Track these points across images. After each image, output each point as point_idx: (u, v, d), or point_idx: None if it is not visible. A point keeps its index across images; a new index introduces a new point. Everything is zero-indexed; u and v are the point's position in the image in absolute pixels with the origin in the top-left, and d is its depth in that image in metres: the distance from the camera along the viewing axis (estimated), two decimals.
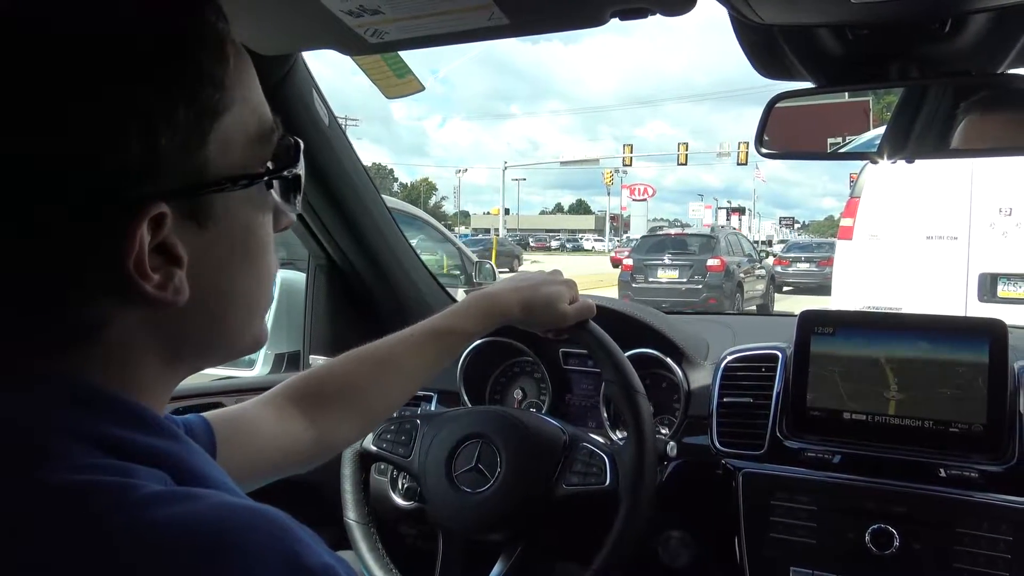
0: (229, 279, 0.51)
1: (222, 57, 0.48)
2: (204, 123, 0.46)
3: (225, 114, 0.47)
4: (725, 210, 59.91)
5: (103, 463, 0.42)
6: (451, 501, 1.18)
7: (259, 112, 0.51)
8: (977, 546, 1.09)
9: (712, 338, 1.53)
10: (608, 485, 1.11)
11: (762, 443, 1.25)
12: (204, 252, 0.48)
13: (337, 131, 1.46)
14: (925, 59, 1.05)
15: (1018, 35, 0.98)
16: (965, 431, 1.15)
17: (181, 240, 0.46)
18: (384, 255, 1.66)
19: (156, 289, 0.45)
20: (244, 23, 1.06)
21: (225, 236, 0.49)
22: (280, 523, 0.41)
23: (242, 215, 0.50)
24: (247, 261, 0.52)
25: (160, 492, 0.41)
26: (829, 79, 1.12)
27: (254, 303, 0.54)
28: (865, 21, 0.94)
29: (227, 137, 0.48)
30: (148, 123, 0.43)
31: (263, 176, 0.51)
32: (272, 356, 1.81)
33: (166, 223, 0.45)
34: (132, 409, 0.46)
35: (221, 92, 0.47)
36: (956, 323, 1.20)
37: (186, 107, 0.45)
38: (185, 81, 0.45)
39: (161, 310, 0.46)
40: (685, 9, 0.93)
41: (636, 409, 1.10)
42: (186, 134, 0.45)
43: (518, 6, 0.96)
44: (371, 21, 1.01)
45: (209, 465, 0.49)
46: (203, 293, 0.48)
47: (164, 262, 0.45)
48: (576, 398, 1.56)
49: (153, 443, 0.45)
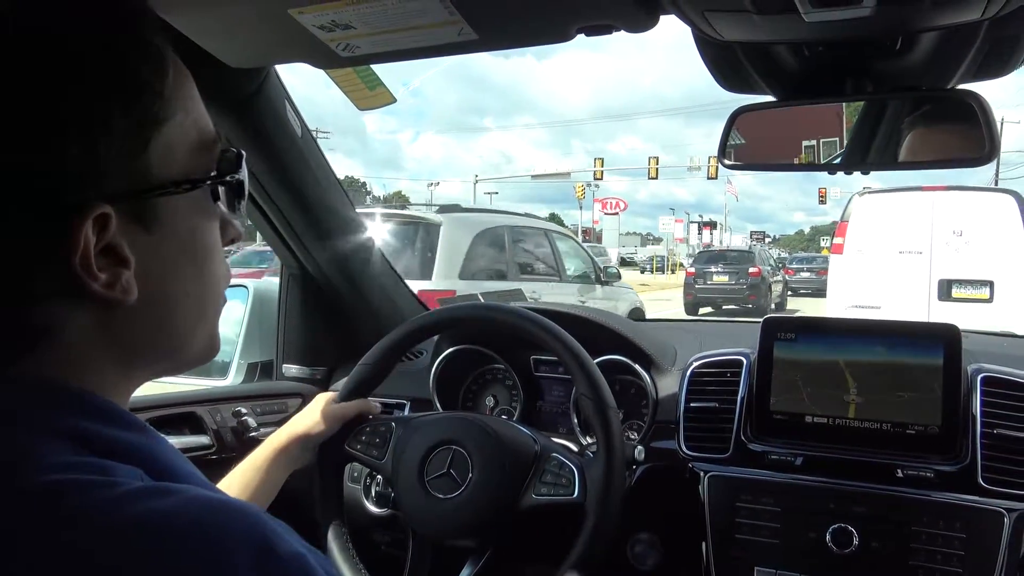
0: (177, 281, 0.52)
1: (161, 69, 0.50)
2: (145, 130, 0.48)
3: (166, 123, 0.50)
4: (697, 224, 60.02)
5: (79, 461, 0.43)
6: (422, 505, 1.19)
7: (200, 124, 0.53)
8: (933, 543, 1.13)
9: (680, 344, 1.56)
10: (576, 497, 1.13)
11: (727, 447, 1.29)
12: (151, 254, 0.50)
13: (310, 142, 1.48)
14: (879, 74, 1.09)
15: (966, 52, 1.02)
16: (921, 432, 1.19)
17: (127, 242, 0.48)
18: (356, 264, 1.67)
19: (104, 288, 0.47)
20: (216, 36, 1.08)
21: (171, 239, 0.51)
22: (253, 515, 0.43)
23: (188, 219, 0.52)
24: (194, 264, 0.53)
25: (137, 488, 0.42)
26: (788, 93, 1.16)
27: (202, 306, 0.55)
28: (819, 39, 0.98)
29: (169, 144, 0.50)
30: (86, 129, 0.45)
31: (205, 181, 0.53)
32: (245, 365, 1.81)
33: (111, 225, 0.46)
34: (100, 404, 0.48)
35: (161, 102, 0.49)
36: (912, 328, 1.24)
37: (125, 115, 0.47)
38: (124, 89, 0.47)
39: (111, 310, 0.48)
40: (648, 26, 0.96)
41: (607, 424, 1.13)
42: (127, 140, 0.47)
43: (486, 22, 0.98)
44: (343, 36, 1.03)
45: (178, 458, 0.51)
46: (151, 294, 0.50)
47: (111, 263, 0.47)
48: (547, 404, 1.59)
49: (124, 436, 0.47)
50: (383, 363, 1.26)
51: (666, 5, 0.90)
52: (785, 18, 0.86)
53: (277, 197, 1.49)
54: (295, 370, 1.76)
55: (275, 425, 1.60)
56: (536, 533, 1.24)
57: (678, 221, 67.39)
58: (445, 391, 1.60)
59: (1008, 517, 1.11)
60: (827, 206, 45.46)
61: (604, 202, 39.03)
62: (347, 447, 1.25)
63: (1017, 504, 1.12)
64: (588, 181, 41.48)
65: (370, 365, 1.26)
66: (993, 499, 1.12)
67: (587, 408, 1.15)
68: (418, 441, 1.21)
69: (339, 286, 1.69)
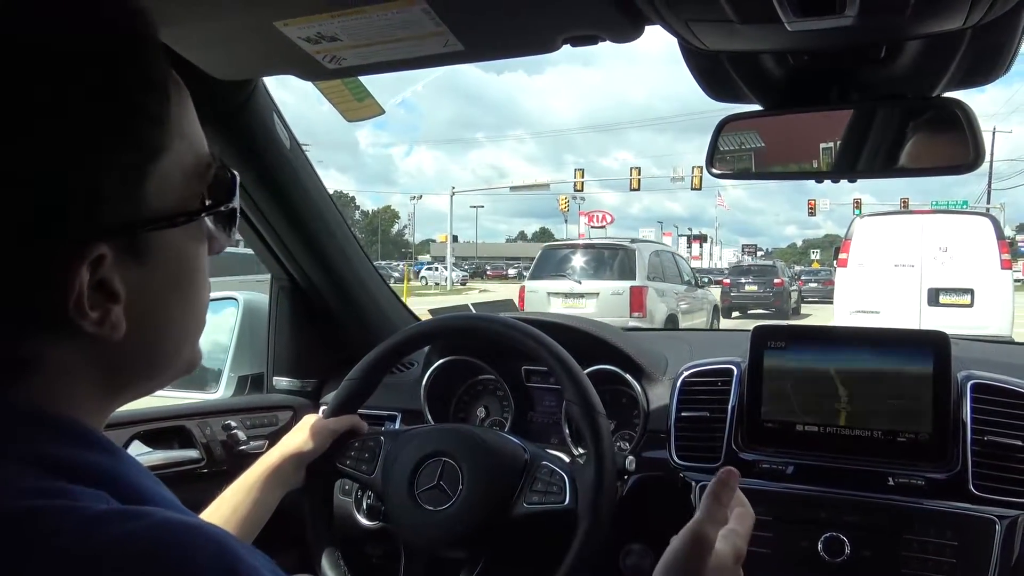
0: (164, 310, 0.51)
1: (164, 95, 0.48)
2: (145, 162, 0.47)
3: (164, 152, 0.48)
4: (686, 237, 59.76)
5: (45, 486, 0.42)
6: (414, 518, 1.18)
7: (196, 147, 0.52)
8: (924, 551, 1.12)
9: (670, 354, 1.56)
10: (567, 504, 1.13)
11: (718, 456, 1.28)
12: (141, 287, 0.48)
13: (299, 154, 1.48)
14: (864, 83, 1.09)
15: (950, 60, 1.02)
16: (912, 440, 1.19)
17: (119, 276, 0.47)
18: (347, 275, 1.67)
19: (94, 326, 0.46)
20: (203, 49, 1.08)
21: (162, 270, 0.50)
22: (219, 541, 0.42)
23: (178, 249, 0.51)
24: (180, 291, 0.52)
25: (102, 512, 0.42)
26: (775, 102, 1.16)
27: (187, 331, 0.55)
28: (803, 48, 0.98)
29: (165, 174, 0.48)
30: (85, 163, 0.44)
31: (200, 213, 0.52)
32: (236, 378, 1.80)
33: (105, 262, 0.45)
34: (71, 429, 0.47)
35: (161, 130, 0.48)
36: (902, 336, 1.24)
37: (127, 148, 0.46)
38: (127, 122, 0.46)
39: (100, 344, 0.47)
40: (633, 36, 0.96)
41: (595, 429, 1.12)
42: (126, 174, 0.46)
43: (472, 33, 0.98)
44: (329, 48, 1.03)
45: (148, 480, 0.50)
46: (139, 325, 0.49)
47: (102, 299, 0.46)
48: (538, 415, 1.58)
49: (92, 459, 0.46)
50: (369, 377, 1.26)
51: (650, 15, 0.90)
52: (768, 27, 0.86)
53: (266, 210, 1.48)
54: (286, 383, 1.76)
55: (265, 438, 1.60)
56: (529, 542, 1.23)
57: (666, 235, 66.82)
58: (436, 402, 1.59)
59: (1000, 524, 1.10)
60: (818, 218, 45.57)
61: (591, 215, 38.32)
62: (337, 463, 1.25)
63: (1009, 511, 1.11)
64: (572, 194, 40.79)
65: (356, 380, 1.25)
66: (984, 506, 1.12)
67: (575, 414, 1.15)
68: (407, 454, 1.21)
69: (329, 298, 1.68)
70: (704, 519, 0.78)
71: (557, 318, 1.62)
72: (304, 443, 1.19)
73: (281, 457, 1.16)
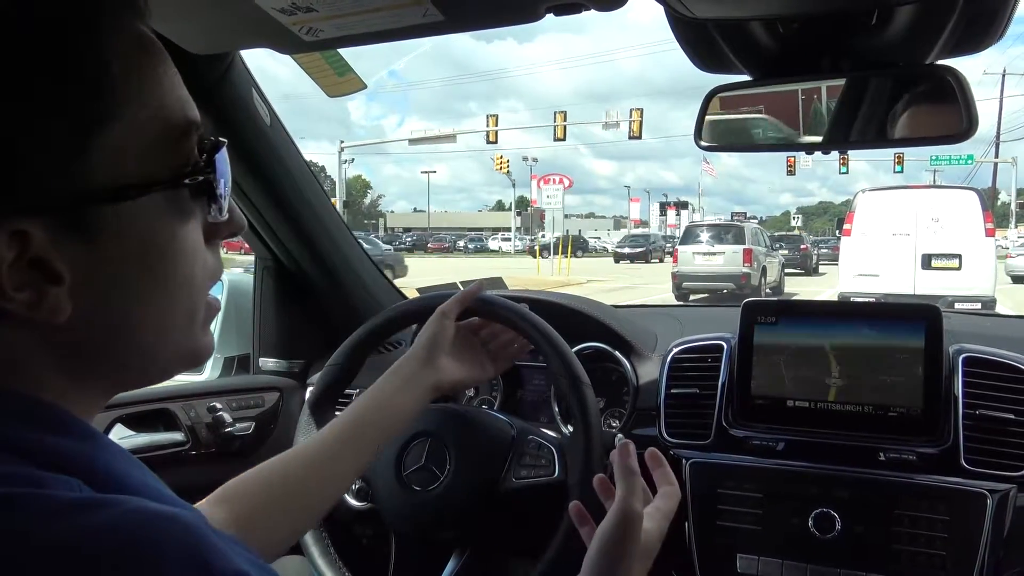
0: (131, 294, 0.47)
1: (102, 62, 0.44)
2: (80, 133, 0.43)
3: (113, 122, 0.44)
4: (659, 204, 58.42)
5: (12, 472, 0.40)
6: (402, 500, 1.17)
7: (164, 114, 0.47)
8: (916, 526, 1.11)
9: (660, 330, 1.54)
10: (557, 476, 1.12)
11: (709, 433, 1.27)
12: (94, 267, 0.45)
13: (279, 129, 1.44)
14: (855, 51, 1.07)
15: (942, 27, 1.00)
16: (903, 415, 1.17)
17: (61, 256, 0.43)
18: (331, 253, 1.65)
19: (26, 308, 0.43)
20: (175, 22, 1.04)
21: (116, 248, 0.46)
22: (195, 529, 0.40)
23: (145, 226, 0.47)
24: (150, 273, 0.48)
25: (71, 501, 0.40)
26: (764, 72, 1.14)
27: (168, 315, 0.50)
28: (793, 14, 0.96)
29: (118, 145, 0.45)
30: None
31: (165, 185, 0.47)
32: (221, 360, 1.78)
33: (31, 240, 0.42)
34: (47, 413, 0.45)
35: (110, 96, 0.44)
36: (893, 310, 1.23)
37: (51, 116, 0.42)
38: (55, 87, 0.42)
39: (45, 330, 0.44)
40: (618, 4, 0.94)
41: (582, 399, 1.10)
42: (54, 146, 0.42)
43: (452, 2, 0.95)
44: (305, 19, 1.00)
45: (129, 465, 0.48)
46: (95, 309, 0.46)
47: (38, 278, 0.43)
48: (528, 393, 1.57)
49: (67, 445, 0.44)
50: (353, 360, 1.23)
51: None
52: None
53: (247, 187, 1.45)
54: (272, 363, 1.74)
55: (251, 420, 1.58)
56: (519, 519, 1.22)
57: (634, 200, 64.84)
58: None
59: (991, 498, 1.10)
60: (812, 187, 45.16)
61: (547, 179, 34.16)
62: None
63: (1000, 485, 1.11)
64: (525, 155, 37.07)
65: (338, 365, 1.22)
66: (976, 480, 1.11)
67: (561, 385, 1.13)
68: None
69: (314, 277, 1.66)
70: (627, 495, 0.79)
71: (545, 295, 1.60)
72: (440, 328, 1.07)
73: (420, 351, 1.04)
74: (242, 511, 0.86)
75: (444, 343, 1.06)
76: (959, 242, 10.48)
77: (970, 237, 10.46)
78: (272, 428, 1.62)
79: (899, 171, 28.79)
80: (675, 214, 52.71)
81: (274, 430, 1.62)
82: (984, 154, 33.30)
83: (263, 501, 0.88)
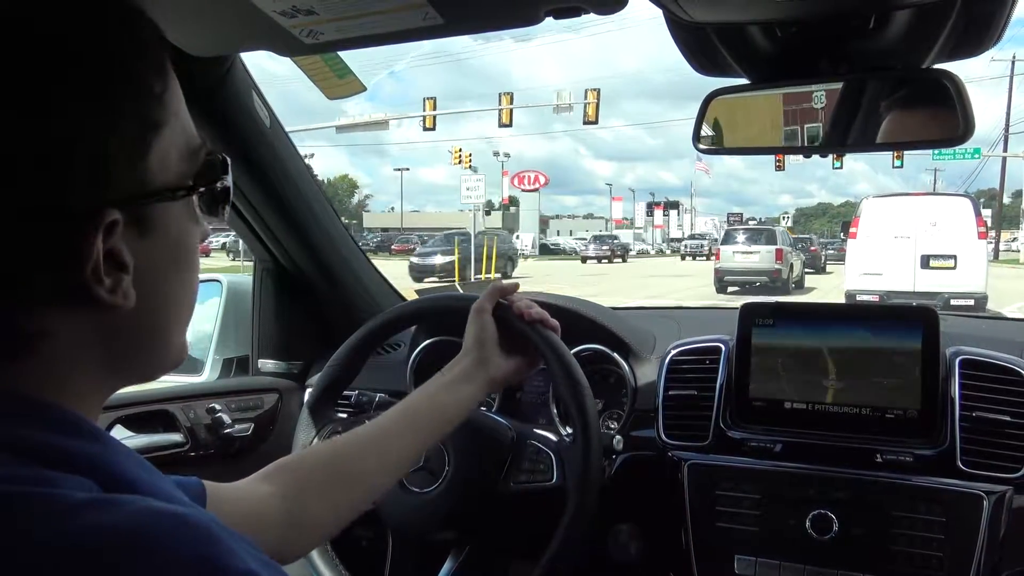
0: (166, 285, 0.52)
1: (162, 72, 0.50)
2: (147, 136, 0.48)
3: (164, 128, 0.49)
4: (646, 204, 57.14)
5: (26, 473, 0.41)
6: (400, 501, 1.17)
7: (188, 129, 0.53)
8: (913, 528, 1.12)
9: (658, 332, 1.55)
10: (555, 481, 1.12)
11: (707, 434, 1.28)
12: (146, 259, 0.49)
13: (279, 132, 1.45)
14: (853, 55, 1.07)
15: (940, 31, 1.01)
16: (900, 417, 1.18)
17: (127, 247, 0.47)
18: (330, 255, 1.65)
19: (109, 294, 0.46)
20: (175, 25, 1.05)
21: (162, 245, 0.51)
22: (204, 529, 0.41)
23: (177, 225, 0.52)
24: (179, 269, 0.53)
25: (84, 500, 0.41)
26: (763, 75, 1.14)
27: (183, 310, 0.55)
28: (790, 18, 0.96)
29: (165, 150, 0.50)
30: (97, 134, 0.45)
31: (198, 188, 0.53)
32: (220, 361, 1.78)
33: (116, 230, 0.46)
34: (60, 415, 0.46)
35: (160, 105, 0.49)
36: (890, 312, 1.24)
37: (131, 120, 0.47)
38: (128, 92, 0.47)
39: (109, 316, 0.48)
40: (617, 8, 0.94)
41: (581, 404, 1.10)
42: (131, 146, 0.47)
43: (452, 5, 0.96)
44: (305, 22, 1.00)
45: (139, 467, 0.49)
46: (145, 299, 0.49)
47: (113, 268, 0.47)
48: (526, 395, 1.57)
49: (79, 447, 0.45)
50: (352, 361, 1.23)
51: None
52: None
53: (247, 190, 1.46)
54: (271, 365, 1.74)
55: (250, 421, 1.59)
56: (517, 523, 1.23)
57: (616, 199, 63.46)
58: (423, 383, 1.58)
59: (987, 500, 1.10)
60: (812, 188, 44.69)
61: (520, 177, 32.33)
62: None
63: (996, 487, 1.11)
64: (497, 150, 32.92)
65: (337, 366, 1.23)
66: (972, 482, 1.12)
67: (560, 390, 1.13)
68: None
69: (313, 279, 1.66)
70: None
71: (543, 297, 1.60)
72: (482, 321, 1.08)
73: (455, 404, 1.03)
74: (291, 485, 0.87)
75: (490, 339, 1.06)
76: (954, 244, 11.89)
77: (964, 239, 11.89)
78: (271, 429, 1.62)
79: (898, 165, 28.63)
80: (663, 214, 51.62)
81: (273, 431, 1.62)
82: (991, 148, 31.86)
83: (314, 476, 0.89)
